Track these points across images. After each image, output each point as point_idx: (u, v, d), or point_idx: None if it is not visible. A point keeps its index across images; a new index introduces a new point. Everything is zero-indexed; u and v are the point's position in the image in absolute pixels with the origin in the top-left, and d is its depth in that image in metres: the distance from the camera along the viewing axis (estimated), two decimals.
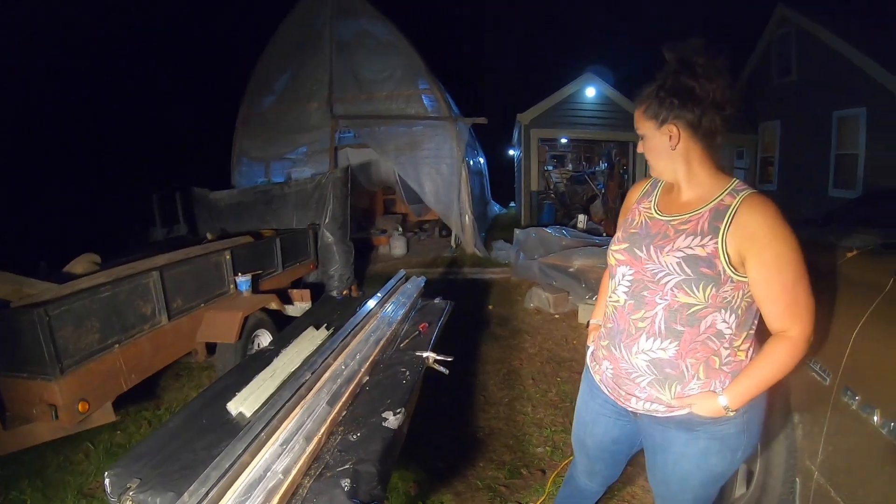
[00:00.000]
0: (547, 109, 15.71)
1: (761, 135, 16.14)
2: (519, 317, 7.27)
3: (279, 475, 1.75)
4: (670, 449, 1.94)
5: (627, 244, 1.95)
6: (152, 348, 4.31)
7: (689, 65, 1.74)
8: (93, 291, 3.88)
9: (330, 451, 2.03)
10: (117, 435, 4.27)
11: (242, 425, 2.16)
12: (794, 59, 14.57)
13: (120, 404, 4.09)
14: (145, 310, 4.27)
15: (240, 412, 2.37)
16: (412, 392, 2.56)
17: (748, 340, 1.83)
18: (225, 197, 8.50)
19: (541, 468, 3.72)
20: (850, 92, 12.39)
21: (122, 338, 4.01)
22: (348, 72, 11.72)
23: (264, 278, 6.00)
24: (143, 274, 4.32)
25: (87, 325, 3.73)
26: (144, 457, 2.03)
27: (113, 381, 3.94)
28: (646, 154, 1.90)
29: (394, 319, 3.45)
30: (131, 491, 1.84)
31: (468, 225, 11.67)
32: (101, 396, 3.83)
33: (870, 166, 12.02)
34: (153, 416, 4.59)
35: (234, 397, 2.46)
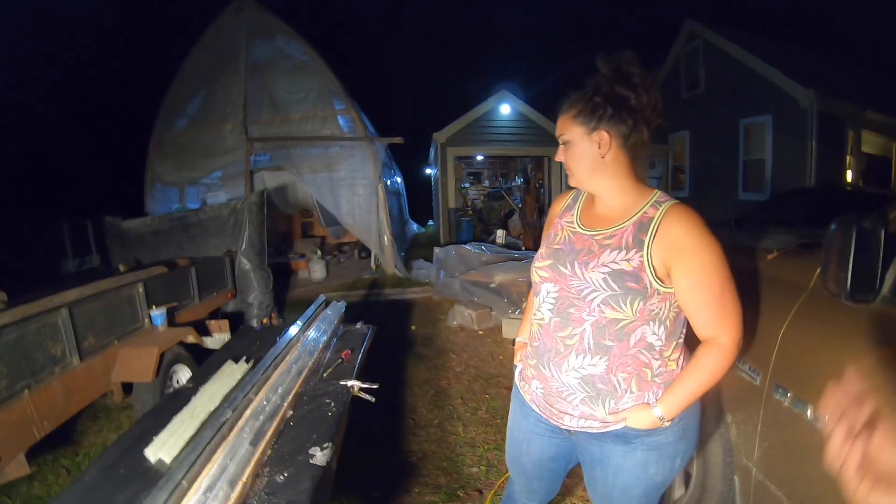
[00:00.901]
0: (462, 128, 15.87)
1: (672, 144, 16.83)
2: (443, 335, 7.28)
3: None
4: (608, 462, 1.94)
5: (551, 261, 1.95)
6: (65, 392, 4.07)
7: (625, 75, 1.76)
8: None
9: (257, 494, 1.96)
10: (35, 486, 4.04)
11: (162, 473, 2.08)
12: (702, 72, 15.32)
13: (35, 453, 3.89)
14: (55, 351, 4.05)
15: (159, 458, 2.25)
16: (339, 424, 2.50)
17: (678, 350, 1.87)
18: (138, 225, 8.24)
19: (477, 488, 3.73)
20: (756, 101, 13.15)
21: (31, 382, 3.77)
22: (263, 93, 11.56)
23: (180, 310, 5.81)
24: (51, 311, 4.09)
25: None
26: None
27: (24, 431, 3.68)
28: (568, 162, 1.89)
29: (315, 348, 3.38)
30: None
31: (387, 245, 11.65)
32: (13, 448, 3.58)
33: (777, 170, 12.66)
34: (72, 463, 4.37)
35: (153, 442, 2.35)
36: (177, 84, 12.19)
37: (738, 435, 2.50)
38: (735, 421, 2.54)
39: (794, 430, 2.08)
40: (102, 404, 5.12)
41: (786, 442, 2.16)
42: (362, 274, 12.02)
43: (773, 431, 2.23)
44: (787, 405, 2.11)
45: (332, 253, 14.70)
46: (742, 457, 2.45)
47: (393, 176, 15.92)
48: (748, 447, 2.39)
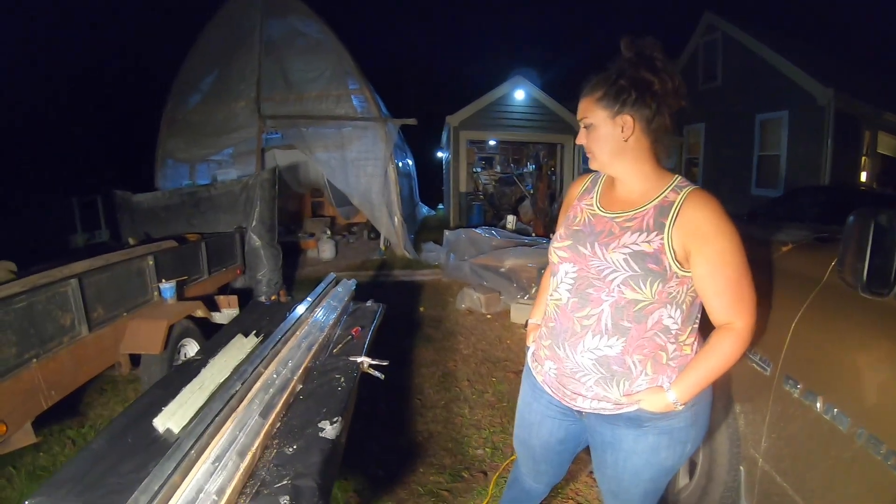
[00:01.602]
0: (476, 112, 15.84)
1: (686, 137, 16.72)
2: (451, 318, 7.27)
3: (213, 496, 1.66)
4: (620, 446, 1.94)
5: (570, 241, 1.94)
6: (73, 362, 4.08)
7: (649, 59, 1.75)
8: (7, 302, 3.63)
9: (266, 466, 1.94)
10: (40, 457, 4.03)
11: (171, 443, 2.06)
12: (720, 65, 15.20)
13: (41, 423, 3.87)
14: (64, 321, 4.05)
15: (167, 428, 2.25)
16: (348, 399, 2.49)
17: (692, 335, 1.87)
18: (149, 199, 8.24)
19: (482, 470, 3.71)
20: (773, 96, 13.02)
21: (39, 351, 3.77)
22: (277, 71, 11.48)
23: (190, 284, 5.82)
24: (61, 282, 4.09)
25: (2, 339, 3.51)
26: (67, 483, 1.90)
27: (32, 400, 3.69)
28: (590, 145, 1.87)
29: (325, 324, 3.37)
30: None
31: (397, 227, 11.62)
32: (20, 417, 3.58)
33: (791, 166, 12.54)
34: (77, 434, 4.36)
35: (161, 412, 2.34)
36: (190, 61, 12.15)
37: (746, 425, 2.48)
38: (743, 411, 2.52)
39: (803, 422, 2.06)
40: (109, 376, 5.09)
41: (794, 434, 2.14)
42: (371, 255, 12.00)
43: (781, 423, 2.21)
44: (797, 397, 2.09)
45: (342, 233, 14.67)
46: (749, 447, 2.43)
47: (405, 158, 15.89)
48: (755, 438, 2.37)
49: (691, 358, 1.84)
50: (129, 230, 8.00)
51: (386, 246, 12.06)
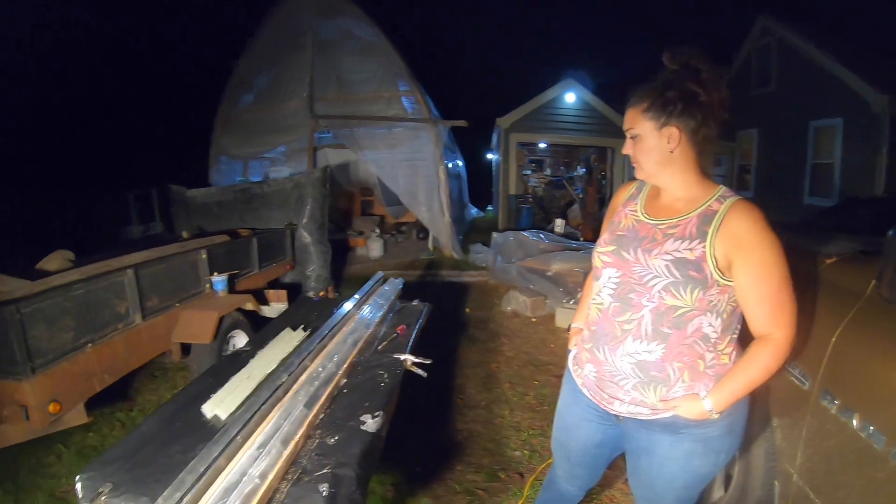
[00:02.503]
0: (527, 114, 15.81)
1: (739, 143, 16.35)
2: (497, 320, 7.27)
3: (256, 479, 1.72)
4: (655, 451, 1.95)
5: (614, 246, 1.95)
6: (126, 348, 4.24)
7: (694, 71, 1.75)
8: (66, 289, 3.80)
9: (307, 454, 1.99)
10: (90, 437, 4.19)
11: (218, 428, 2.12)
12: (774, 70, 14.79)
13: (92, 405, 4.01)
14: (119, 308, 4.21)
15: (215, 415, 2.33)
16: (391, 395, 2.53)
17: (731, 344, 1.86)
18: (202, 195, 8.40)
19: (519, 471, 3.72)
20: (827, 103, 12.62)
21: (95, 337, 3.94)
22: (329, 72, 11.60)
23: (241, 278, 5.94)
24: (117, 271, 4.25)
25: (60, 324, 3.66)
26: (117, 460, 1.98)
27: (86, 382, 3.86)
28: (636, 155, 1.88)
29: (371, 321, 3.42)
30: (104, 495, 1.79)
31: (446, 227, 11.65)
32: (74, 397, 3.75)
33: (845, 175, 12.19)
34: (126, 417, 4.52)
35: (210, 399, 2.41)
36: (244, 61, 12.36)
37: (783, 440, 2.44)
38: (781, 425, 2.47)
39: (839, 439, 2.02)
40: (160, 363, 5.28)
41: (829, 450, 2.09)
42: (419, 254, 12.04)
43: (817, 438, 2.17)
44: (834, 413, 2.05)
45: (391, 232, 14.67)
46: (784, 462, 2.39)
47: (455, 159, 15.86)
48: (791, 453, 2.33)
49: (729, 367, 1.83)
50: (183, 224, 8.17)
51: (434, 246, 12.10)
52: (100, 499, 1.79)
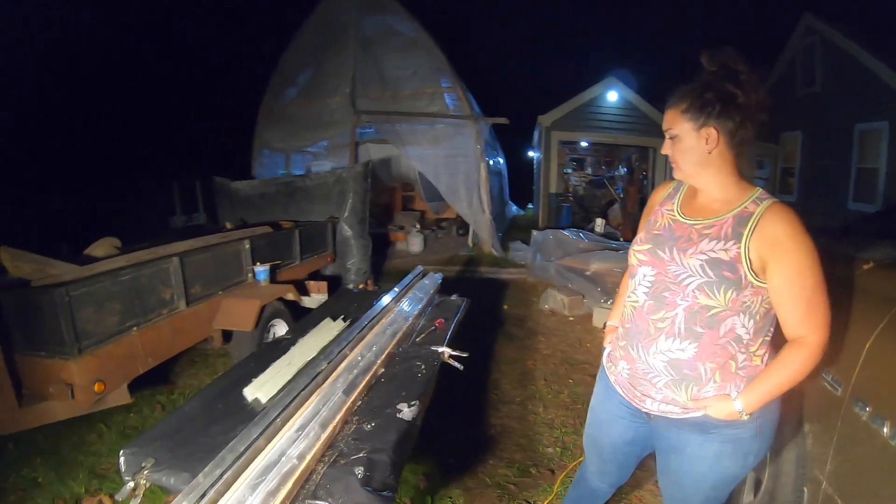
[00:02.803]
0: (569, 112, 15.74)
1: (782, 145, 15.97)
2: (534, 317, 7.27)
3: (294, 460, 1.77)
4: (684, 451, 1.95)
5: (650, 245, 1.96)
6: (170, 333, 4.35)
7: (733, 72, 1.75)
8: (114, 274, 3.92)
9: (344, 439, 2.04)
10: (131, 417, 4.33)
11: (258, 411, 2.18)
12: (819, 70, 14.39)
13: (134, 387, 4.11)
14: (165, 294, 4.31)
15: (256, 398, 2.40)
16: (427, 385, 2.56)
17: (764, 346, 1.86)
18: (246, 187, 8.53)
19: (550, 468, 3.72)
20: (873, 105, 12.27)
21: (140, 321, 4.05)
22: (372, 68, 11.67)
23: (282, 269, 6.02)
24: (163, 259, 4.36)
25: (107, 307, 3.77)
26: (160, 438, 2.06)
27: (130, 364, 3.98)
28: (675, 155, 1.89)
29: (410, 314, 3.46)
30: (146, 470, 1.86)
31: (486, 224, 11.65)
32: (118, 378, 3.87)
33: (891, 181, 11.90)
34: (167, 400, 4.64)
35: (251, 383, 2.48)
36: (287, 56, 12.48)
37: (814, 446, 2.40)
38: (812, 431, 2.44)
39: (869, 447, 1.98)
40: (201, 349, 5.40)
41: (860, 458, 2.06)
42: (459, 250, 12.08)
43: (848, 445, 2.14)
44: (865, 420, 2.02)
45: (431, 227, 14.76)
46: (814, 468, 2.36)
47: (496, 156, 15.84)
48: (821, 459, 2.30)
49: (761, 369, 1.83)
50: (226, 215, 8.30)
51: (474, 242, 12.12)
52: (142, 473, 1.85)
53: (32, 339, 3.61)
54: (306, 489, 1.74)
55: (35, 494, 3.40)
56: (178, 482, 1.81)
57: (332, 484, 1.76)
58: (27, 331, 3.61)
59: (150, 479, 1.85)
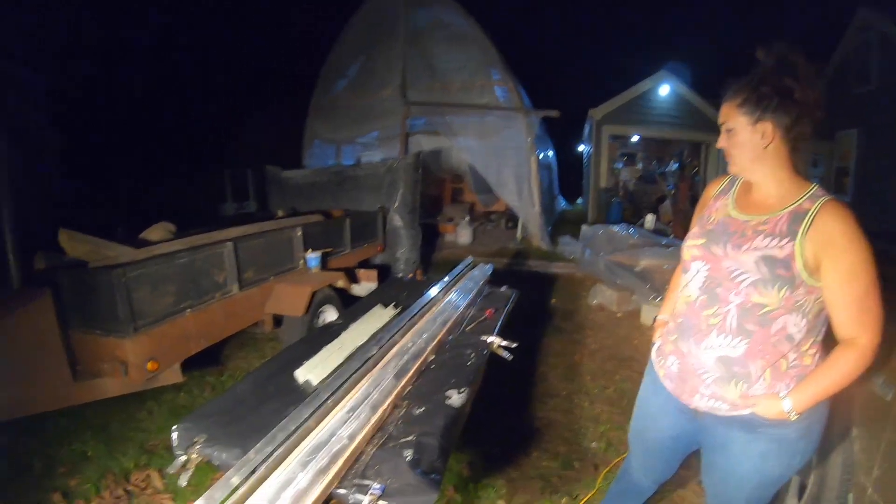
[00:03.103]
0: (620, 106, 15.61)
1: (837, 144, 15.48)
2: (582, 312, 7.22)
3: (344, 440, 1.79)
4: (730, 449, 1.94)
5: (704, 240, 1.94)
6: (222, 315, 4.45)
7: (791, 67, 1.73)
8: (169, 257, 4.04)
9: (394, 422, 2.05)
10: (180, 396, 4.44)
11: (309, 392, 2.20)
12: (875, 67, 13.93)
13: (185, 367, 4.22)
14: (218, 278, 4.41)
15: (307, 380, 2.43)
16: (476, 373, 2.57)
17: (815, 346, 1.83)
18: (297, 176, 8.67)
19: (594, 463, 3.71)
20: None
21: (194, 303, 4.15)
22: (422, 60, 11.73)
23: (333, 256, 6.09)
24: (218, 243, 4.46)
25: (162, 289, 3.87)
26: (212, 415, 2.10)
27: (183, 344, 4.08)
28: (730, 149, 1.86)
29: (461, 303, 3.46)
30: (198, 445, 1.89)
31: (536, 217, 11.62)
32: (171, 357, 3.98)
33: None
34: (216, 381, 4.75)
35: (303, 366, 2.51)
36: (338, 49, 12.63)
37: (861, 451, 2.36)
38: (860, 436, 2.39)
39: None
40: (250, 333, 5.50)
41: None
42: (508, 243, 12.05)
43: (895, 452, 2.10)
44: None
45: (480, 220, 14.76)
46: (861, 474, 2.32)
47: (546, 149, 15.77)
48: (868, 465, 2.26)
49: (811, 369, 1.80)
50: (278, 203, 8.44)
51: (523, 236, 12.10)
52: (194, 448, 1.89)
53: (88, 318, 3.73)
54: (355, 469, 1.76)
55: (84, 467, 3.51)
56: (229, 458, 1.84)
57: (380, 465, 1.78)
58: (83, 309, 3.73)
59: (202, 453, 1.89)
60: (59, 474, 3.45)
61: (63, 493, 3.26)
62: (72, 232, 4.19)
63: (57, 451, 3.66)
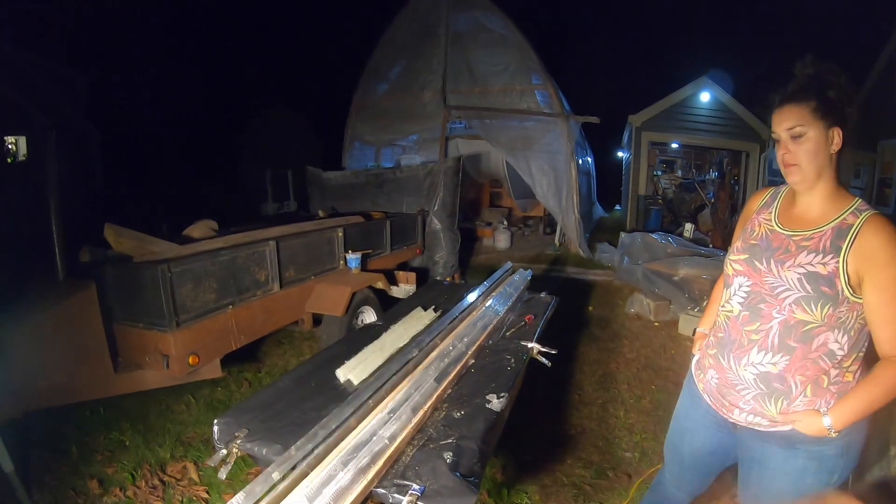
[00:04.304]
0: (660, 112, 15.44)
1: (880, 153, 15.09)
2: (619, 321, 7.16)
3: (385, 440, 1.80)
4: (768, 464, 1.91)
5: (747, 255, 1.92)
6: (263, 313, 4.51)
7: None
8: (212, 254, 4.11)
9: (434, 424, 2.07)
10: (218, 391, 4.53)
11: (350, 392, 2.24)
12: None
13: (223, 363, 4.28)
14: (260, 276, 4.47)
15: (348, 379, 2.46)
16: (516, 378, 2.58)
17: (857, 362, 1.81)
18: (338, 177, 8.76)
19: (627, 472, 3.69)
20: None
21: (236, 300, 4.21)
22: (462, 63, 11.73)
23: (372, 258, 6.13)
24: (260, 242, 4.52)
25: (205, 285, 3.94)
26: (253, 410, 2.14)
27: (223, 340, 4.15)
28: (800, 156, 1.77)
29: (501, 308, 3.45)
30: (239, 440, 1.93)
31: (574, 224, 11.53)
32: (211, 352, 4.04)
33: None
34: (254, 377, 4.83)
35: (343, 365, 2.54)
36: (378, 51, 12.67)
37: None
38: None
39: None
40: (288, 331, 5.58)
41: None
42: (545, 249, 12.01)
43: None
44: None
45: (518, 225, 14.71)
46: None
47: (585, 155, 15.69)
48: None
49: (853, 386, 1.78)
50: (318, 203, 8.53)
51: (561, 242, 12.04)
52: (235, 442, 1.92)
53: (132, 311, 3.82)
54: (395, 469, 1.78)
55: (122, 456, 3.60)
56: (269, 453, 1.87)
57: (420, 466, 1.80)
58: (127, 303, 3.83)
59: (243, 448, 1.93)
60: (97, 461, 3.55)
61: (99, 481, 3.34)
62: (117, 227, 4.27)
63: (95, 440, 3.77)
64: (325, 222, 5.61)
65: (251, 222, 5.99)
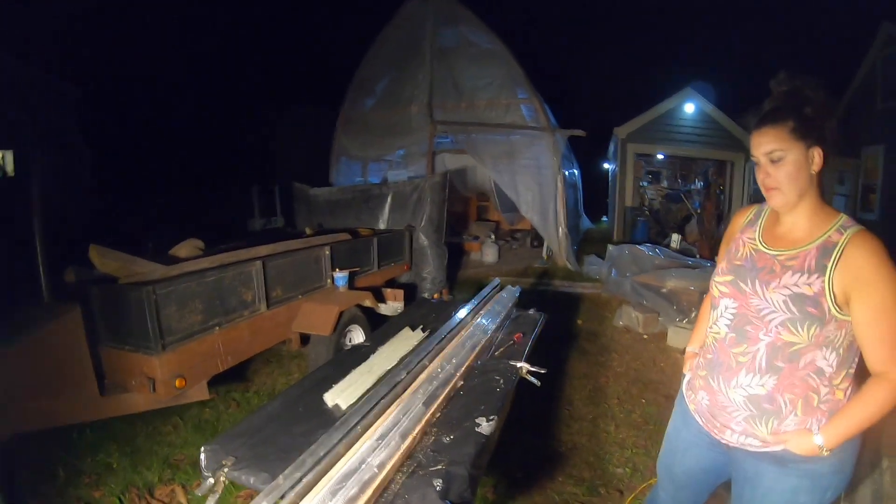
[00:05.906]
0: (645, 124, 15.57)
1: (864, 160, 15.21)
2: (608, 334, 7.16)
3: (374, 468, 1.77)
4: (760, 483, 1.91)
5: (732, 276, 1.93)
6: (250, 334, 4.49)
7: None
8: (199, 275, 4.08)
9: (423, 450, 2.04)
10: (206, 412, 4.49)
11: (338, 416, 2.21)
12: None
13: (211, 384, 4.27)
14: (247, 296, 4.45)
15: (336, 404, 2.44)
16: (505, 399, 2.55)
17: (847, 379, 1.81)
18: (324, 193, 8.74)
19: (619, 489, 3.68)
20: None
21: (222, 321, 4.19)
22: (448, 78, 11.76)
23: (360, 275, 6.12)
24: (247, 262, 4.51)
25: (191, 306, 3.92)
26: (241, 436, 2.11)
27: (210, 362, 4.12)
28: (781, 179, 1.77)
29: (489, 327, 3.44)
30: (226, 468, 1.91)
31: (561, 237, 11.55)
32: (198, 374, 4.02)
33: None
34: (242, 397, 4.80)
35: (331, 389, 2.52)
36: (364, 66, 12.67)
37: (892, 484, 2.32)
38: (891, 467, 2.36)
39: None
40: (277, 351, 5.57)
41: None
42: (533, 262, 12.03)
43: None
44: None
45: (505, 238, 14.76)
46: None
47: (571, 168, 15.74)
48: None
49: (844, 404, 1.78)
50: (305, 220, 8.49)
51: (548, 255, 12.05)
52: (222, 470, 1.90)
53: (117, 333, 3.79)
54: (385, 498, 1.76)
55: (109, 479, 3.57)
56: (257, 482, 1.85)
57: (410, 494, 1.77)
58: (113, 325, 3.80)
59: (230, 476, 1.90)
60: (84, 485, 3.52)
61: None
62: (102, 248, 4.25)
63: (82, 462, 3.74)
64: (312, 240, 5.59)
65: (238, 239, 5.96)
